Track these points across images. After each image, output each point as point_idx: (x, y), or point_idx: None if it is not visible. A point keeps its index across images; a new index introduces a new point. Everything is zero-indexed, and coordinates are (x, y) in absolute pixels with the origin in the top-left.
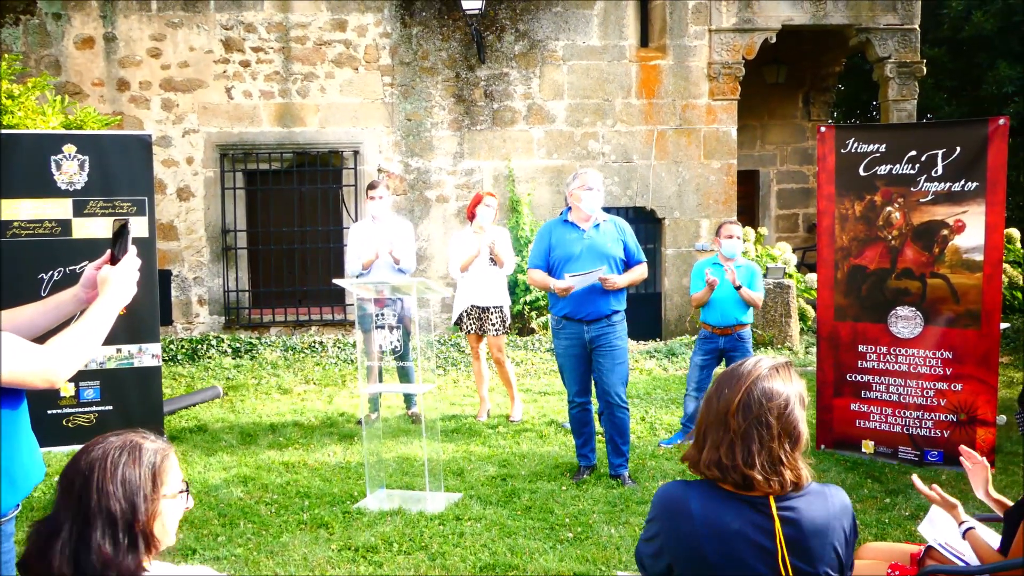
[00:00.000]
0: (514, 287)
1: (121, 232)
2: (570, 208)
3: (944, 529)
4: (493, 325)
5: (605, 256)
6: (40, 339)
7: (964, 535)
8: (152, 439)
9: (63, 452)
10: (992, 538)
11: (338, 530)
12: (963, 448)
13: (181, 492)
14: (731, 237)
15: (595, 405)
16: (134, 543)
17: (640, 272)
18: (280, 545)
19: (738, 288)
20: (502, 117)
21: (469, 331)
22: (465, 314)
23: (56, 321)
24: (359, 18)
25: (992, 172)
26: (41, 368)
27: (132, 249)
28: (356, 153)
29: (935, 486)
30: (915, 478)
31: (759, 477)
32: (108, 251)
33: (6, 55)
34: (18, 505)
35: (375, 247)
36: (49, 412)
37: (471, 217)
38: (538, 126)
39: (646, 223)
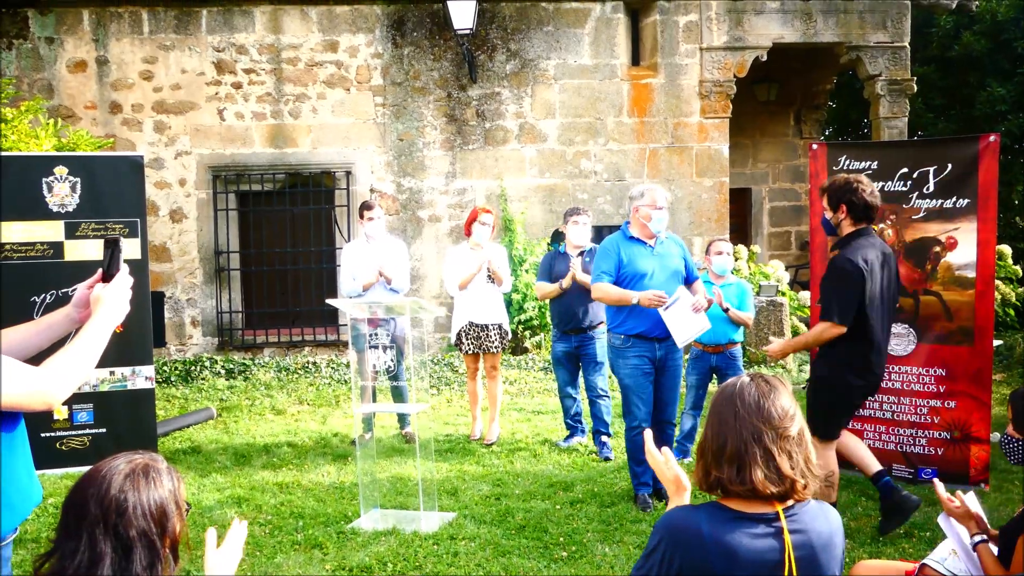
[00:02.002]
0: (508, 306)
1: (112, 250)
2: (629, 223)
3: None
4: (492, 342)
5: (674, 272)
6: (33, 360)
7: (975, 547)
8: (162, 461)
9: (57, 475)
10: None
11: (332, 550)
12: (944, 499)
13: (185, 510)
14: (720, 254)
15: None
16: (164, 565)
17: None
18: (274, 566)
19: (726, 310)
20: (494, 136)
21: (468, 351)
22: (463, 332)
23: (49, 342)
24: (350, 39)
25: (983, 189)
26: (38, 390)
27: (124, 267)
28: (348, 174)
29: (957, 497)
30: (937, 483)
31: (800, 481)
32: (100, 270)
33: None
34: (16, 528)
35: (375, 269)
36: (43, 435)
37: (468, 233)
38: (530, 145)
39: None
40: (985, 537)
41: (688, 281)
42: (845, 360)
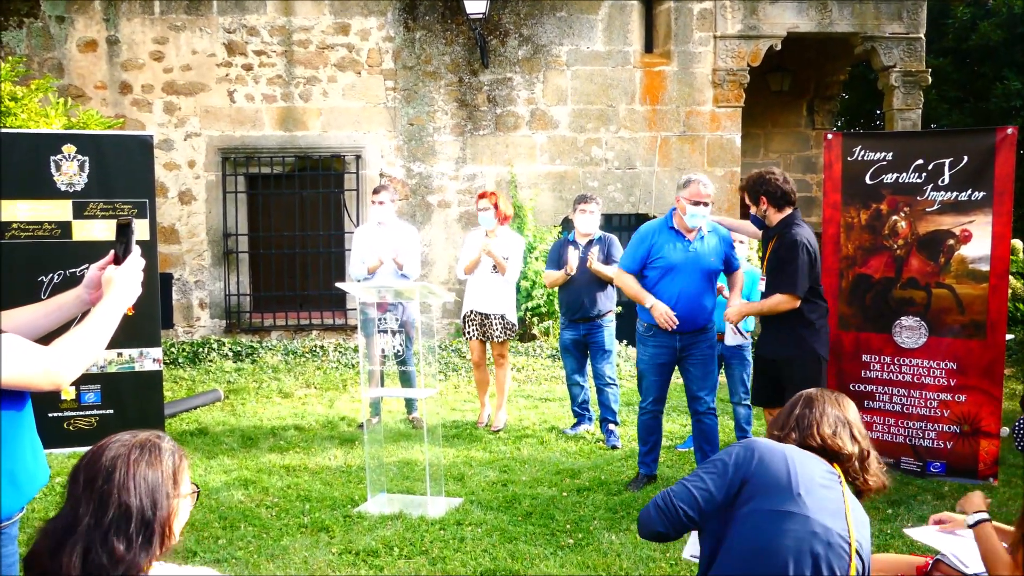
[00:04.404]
0: (516, 293)
1: (125, 231)
2: (675, 211)
3: (945, 537)
4: (495, 332)
5: (706, 271)
6: (42, 340)
7: (975, 525)
8: (167, 440)
9: (64, 454)
10: None
11: (339, 534)
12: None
13: (192, 494)
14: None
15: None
16: (149, 541)
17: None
18: (281, 548)
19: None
20: (505, 122)
21: (471, 337)
22: (467, 319)
23: (59, 322)
24: (362, 22)
25: (1000, 182)
26: (46, 369)
27: (136, 249)
28: (358, 158)
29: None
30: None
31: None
32: (112, 251)
33: (9, 57)
34: (22, 508)
35: (380, 253)
36: (50, 415)
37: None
38: (541, 132)
39: None
40: (986, 516)
41: (728, 271)
42: (818, 335)
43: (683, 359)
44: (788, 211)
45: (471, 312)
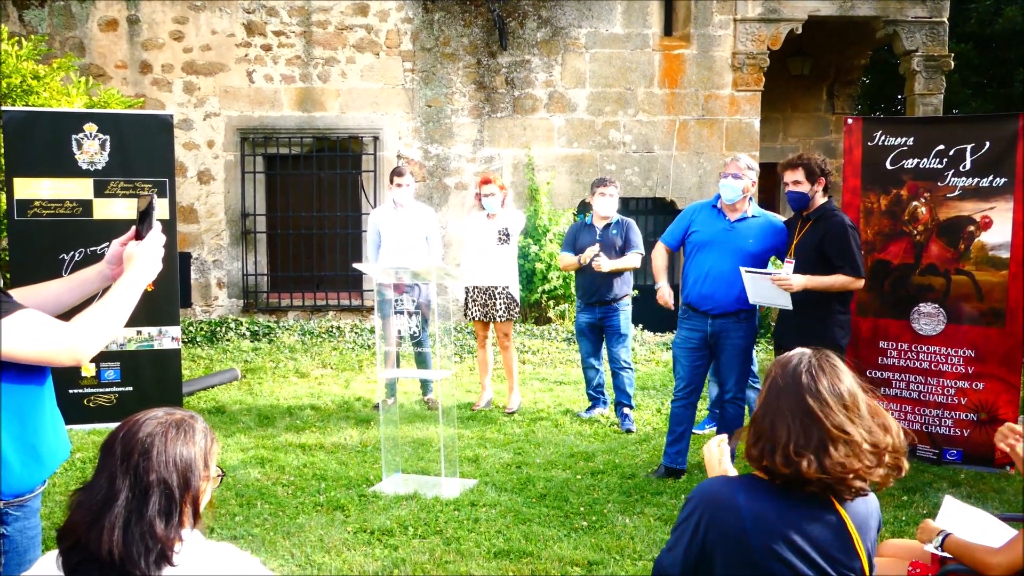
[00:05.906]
0: (532, 276)
1: (147, 209)
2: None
3: (959, 523)
4: (499, 311)
5: (741, 251)
6: (65, 316)
7: (943, 543)
8: (200, 421)
9: (84, 430)
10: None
11: (354, 513)
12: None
13: (218, 476)
14: None
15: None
16: (181, 520)
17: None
18: (296, 526)
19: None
20: (523, 105)
21: (474, 317)
22: (470, 298)
23: (81, 298)
24: (381, 3)
25: (1022, 168)
26: (67, 345)
27: (157, 225)
28: (376, 139)
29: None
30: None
31: (861, 465)
32: (133, 228)
33: (32, 36)
34: (44, 482)
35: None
36: (71, 391)
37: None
38: (559, 114)
39: (666, 214)
40: (947, 531)
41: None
42: (839, 325)
43: (717, 347)
44: (827, 197)
45: (472, 289)
